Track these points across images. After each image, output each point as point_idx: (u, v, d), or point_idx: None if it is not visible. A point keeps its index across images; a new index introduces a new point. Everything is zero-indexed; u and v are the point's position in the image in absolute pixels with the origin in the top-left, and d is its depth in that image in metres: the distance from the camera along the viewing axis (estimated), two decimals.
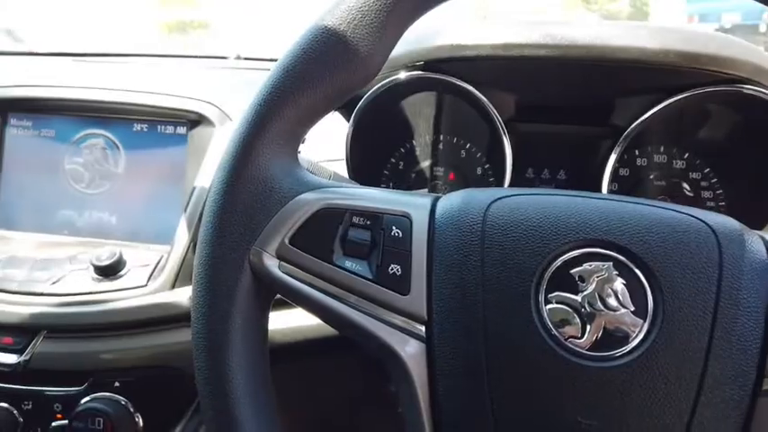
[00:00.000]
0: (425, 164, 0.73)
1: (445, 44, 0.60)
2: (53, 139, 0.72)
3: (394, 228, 0.39)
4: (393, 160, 0.74)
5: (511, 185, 0.67)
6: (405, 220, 0.39)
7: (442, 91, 0.68)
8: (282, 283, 0.39)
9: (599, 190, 0.65)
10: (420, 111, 0.71)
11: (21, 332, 0.62)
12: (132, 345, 0.62)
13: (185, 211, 0.65)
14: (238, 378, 0.39)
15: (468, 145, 0.72)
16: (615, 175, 0.66)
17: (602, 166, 0.65)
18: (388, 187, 0.74)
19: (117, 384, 0.62)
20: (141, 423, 0.62)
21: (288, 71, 0.40)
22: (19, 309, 0.62)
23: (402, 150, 0.73)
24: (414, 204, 0.40)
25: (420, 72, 0.63)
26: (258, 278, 0.40)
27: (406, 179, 0.73)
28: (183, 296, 0.62)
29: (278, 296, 0.42)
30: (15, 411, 0.62)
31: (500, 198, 0.39)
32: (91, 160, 0.72)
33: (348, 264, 0.39)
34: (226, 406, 0.38)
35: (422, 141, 0.73)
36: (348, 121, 0.67)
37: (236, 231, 0.39)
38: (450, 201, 0.40)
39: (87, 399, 0.61)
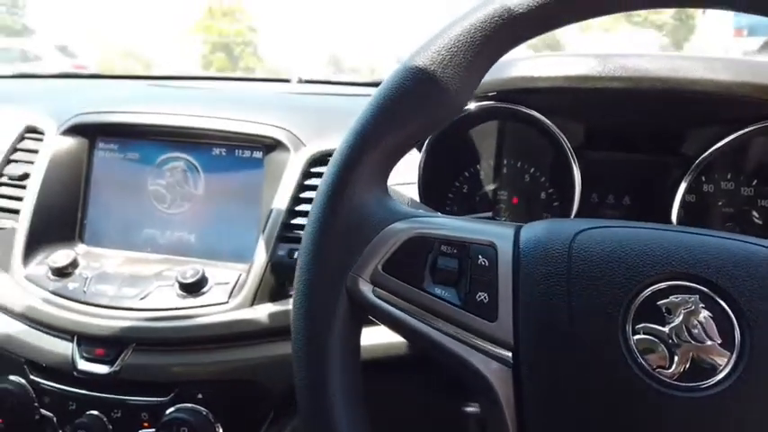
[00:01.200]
0: (489, 188, 0.75)
1: (519, 76, 0.62)
2: (137, 161, 0.77)
3: (480, 257, 0.41)
4: (457, 184, 0.76)
5: (576, 211, 0.68)
6: (490, 250, 0.41)
7: (510, 119, 0.70)
8: (376, 308, 0.42)
9: (665, 216, 0.66)
10: (485, 136, 0.73)
11: (112, 344, 0.66)
12: (214, 359, 0.66)
13: (263, 232, 0.68)
14: (336, 393, 0.41)
15: (532, 169, 0.73)
16: (682, 202, 0.66)
17: (668, 194, 0.65)
18: (452, 210, 0.76)
19: (200, 396, 0.65)
20: None
21: (380, 110, 0.43)
22: (110, 322, 0.66)
23: (466, 174, 0.75)
24: (498, 234, 0.42)
25: (492, 102, 0.65)
26: (353, 302, 0.42)
27: (470, 202, 0.75)
28: (263, 313, 0.65)
29: None
30: (105, 419, 0.66)
31: (585, 230, 0.41)
32: (172, 182, 0.76)
33: (437, 290, 0.41)
34: (325, 419, 0.41)
35: (486, 166, 0.75)
36: (419, 149, 0.70)
37: (334, 258, 0.42)
38: (534, 231, 0.42)
39: (172, 409, 0.65)
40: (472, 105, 0.66)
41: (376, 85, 1.19)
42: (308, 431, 0.42)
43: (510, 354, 0.40)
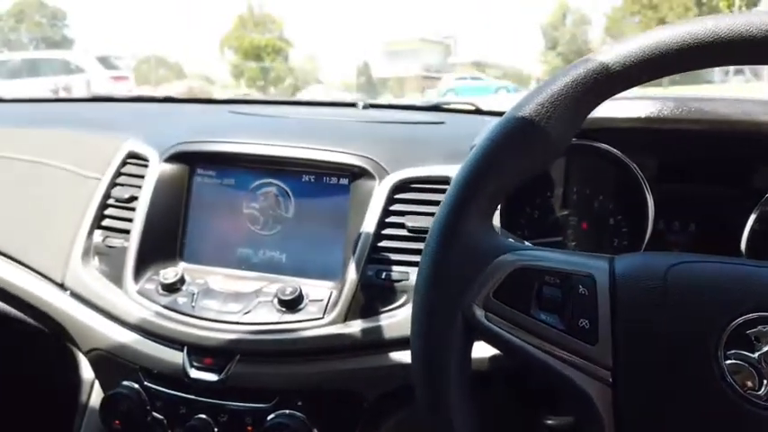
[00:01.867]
0: (559, 214, 0.80)
1: (601, 116, 0.68)
2: (233, 187, 0.84)
3: (581, 287, 0.47)
4: (528, 210, 0.81)
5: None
6: (589, 280, 0.47)
7: (587, 153, 0.75)
8: (488, 330, 0.48)
9: (731, 243, 0.71)
10: (556, 166, 0.79)
11: (219, 354, 0.73)
12: (311, 370, 0.72)
13: (353, 254, 0.74)
14: (454, 403, 0.47)
15: (600, 197, 0.78)
16: (750, 231, 0.71)
17: (734, 222, 0.70)
18: (523, 234, 0.81)
19: (299, 403, 0.72)
20: None
21: (488, 157, 0.49)
22: (217, 335, 0.73)
23: (537, 201, 0.81)
24: (595, 266, 0.48)
25: (573, 139, 0.71)
26: (467, 325, 0.48)
27: (541, 227, 0.81)
28: (355, 329, 0.71)
29: None
30: (212, 422, 0.72)
31: (677, 264, 0.46)
32: (265, 206, 0.83)
33: (543, 316, 0.47)
34: (446, 425, 0.47)
35: (556, 193, 0.80)
36: None
37: (450, 287, 0.48)
38: (627, 263, 0.47)
39: (273, 415, 0.71)
40: None
41: (434, 108, 1.25)
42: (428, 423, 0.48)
43: (609, 373, 0.45)
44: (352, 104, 1.21)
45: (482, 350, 0.66)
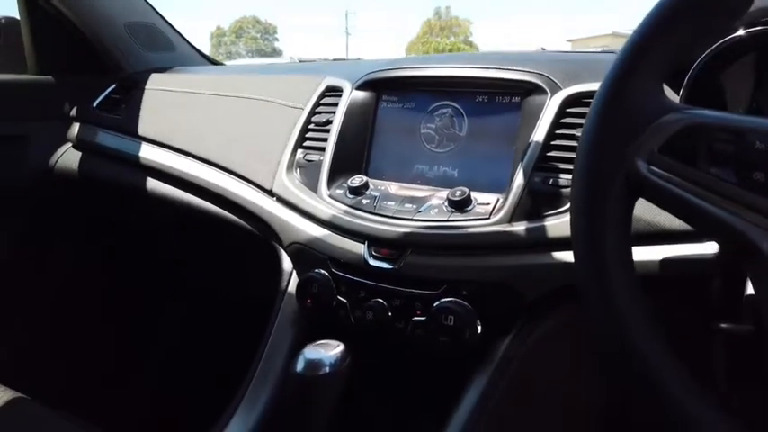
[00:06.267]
0: None
1: None
2: (413, 109, 0.93)
3: (758, 142, 0.45)
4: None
5: None
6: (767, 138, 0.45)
7: None
8: (653, 185, 0.48)
9: None
10: (745, 63, 0.72)
11: (395, 247, 0.82)
12: (475, 263, 0.77)
13: (521, 161, 0.78)
14: (614, 268, 0.48)
15: None
16: None
17: None
18: None
19: (465, 293, 0.77)
20: (480, 328, 0.76)
21: (666, 10, 0.49)
22: (394, 229, 0.82)
23: (721, 104, 0.75)
24: None
25: (765, 28, 0.66)
26: (629, 179, 0.49)
27: None
28: (519, 228, 0.75)
29: None
30: (386, 305, 0.82)
31: None
32: (441, 126, 0.90)
33: (713, 170, 0.46)
34: (605, 293, 0.48)
35: (743, 94, 0.73)
36: (678, 94, 0.73)
37: (614, 141, 0.49)
38: None
39: (440, 301, 0.78)
40: (742, 32, 0.67)
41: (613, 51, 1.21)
42: (589, 301, 0.50)
43: None
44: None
45: (653, 254, 0.66)
